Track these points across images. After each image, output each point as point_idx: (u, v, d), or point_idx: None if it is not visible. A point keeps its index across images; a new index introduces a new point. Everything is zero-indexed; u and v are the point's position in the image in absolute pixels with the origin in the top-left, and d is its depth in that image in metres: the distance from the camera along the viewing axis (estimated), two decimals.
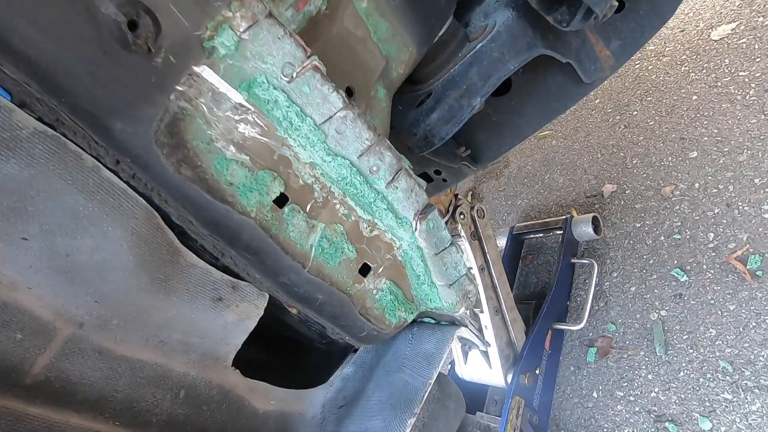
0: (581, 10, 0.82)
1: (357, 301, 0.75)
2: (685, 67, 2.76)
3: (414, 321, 0.88)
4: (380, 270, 0.77)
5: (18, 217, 0.55)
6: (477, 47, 0.92)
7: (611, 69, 1.11)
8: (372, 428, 0.74)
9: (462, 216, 1.96)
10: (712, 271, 1.92)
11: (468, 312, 0.83)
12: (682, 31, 2.95)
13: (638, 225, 2.34)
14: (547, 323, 2.16)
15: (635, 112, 2.84)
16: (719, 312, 1.80)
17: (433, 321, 0.89)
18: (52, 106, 0.51)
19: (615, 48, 1.06)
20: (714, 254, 1.95)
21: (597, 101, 3.18)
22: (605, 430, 1.90)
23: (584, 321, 2.12)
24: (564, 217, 2.55)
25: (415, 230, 0.74)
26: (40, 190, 0.55)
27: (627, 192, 2.50)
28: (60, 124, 0.54)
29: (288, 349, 1.01)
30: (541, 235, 2.68)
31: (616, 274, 2.27)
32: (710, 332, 1.79)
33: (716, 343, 1.75)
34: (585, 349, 2.17)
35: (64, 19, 0.44)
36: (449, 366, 2.12)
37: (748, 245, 1.86)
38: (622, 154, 2.71)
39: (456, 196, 2.13)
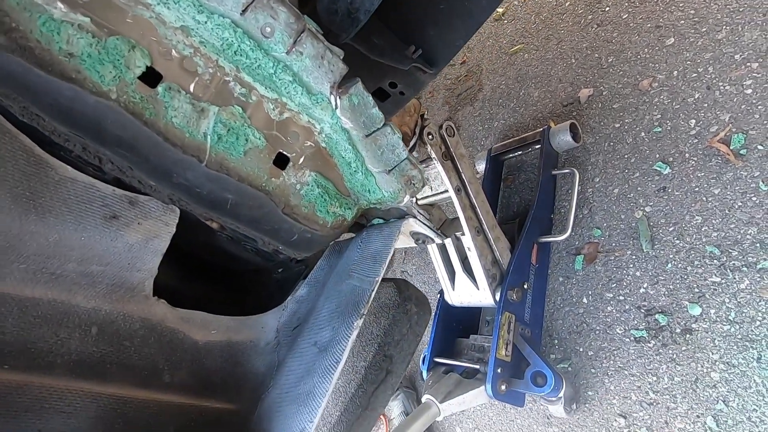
0: None
1: (278, 199, 0.64)
2: None
3: (364, 226, 0.79)
4: (301, 160, 0.65)
5: None
6: None
7: None
8: (321, 339, 0.66)
9: (430, 136, 1.84)
10: (695, 159, 1.84)
11: (414, 201, 0.73)
12: None
13: (617, 125, 2.23)
14: (531, 237, 2.10)
15: (607, 8, 2.65)
16: (704, 198, 1.74)
17: (381, 221, 0.80)
18: None
19: None
20: (696, 141, 1.86)
21: (567, 3, 2.97)
22: (597, 331, 1.89)
23: (569, 230, 2.06)
24: (541, 129, 2.43)
25: (336, 108, 0.62)
26: None
27: (604, 93, 2.37)
28: None
29: (237, 282, 0.92)
30: (519, 152, 2.58)
31: (598, 179, 2.19)
32: (696, 220, 1.73)
33: (702, 229, 1.70)
34: (572, 258, 2.13)
35: None
36: (439, 294, 2.09)
37: (730, 125, 1.77)
38: (596, 55, 2.55)
39: (422, 116, 1.99)
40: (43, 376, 0.55)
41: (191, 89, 0.55)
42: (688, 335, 1.59)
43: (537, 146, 2.50)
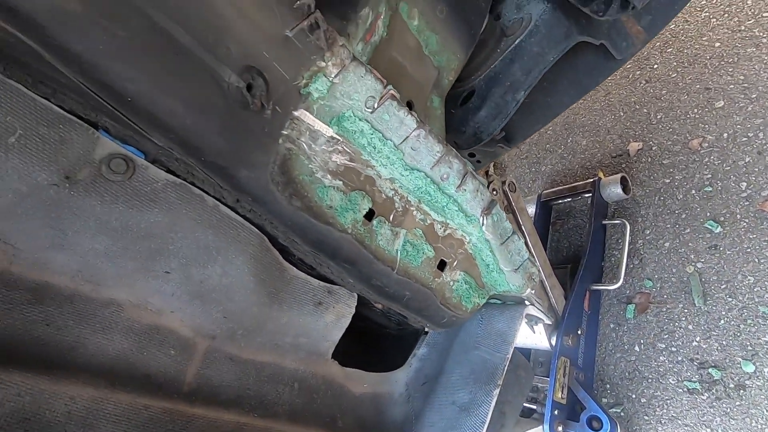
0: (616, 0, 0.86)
1: (438, 294, 0.85)
2: (705, 12, 2.70)
3: None
4: (455, 264, 0.86)
5: (162, 255, 0.66)
6: (516, 43, 0.97)
7: (643, 43, 1.15)
8: (459, 400, 0.85)
9: (495, 192, 2.03)
10: (746, 221, 1.96)
11: (534, 291, 0.92)
12: None
13: (667, 181, 2.36)
14: (584, 285, 2.23)
15: (656, 66, 2.80)
16: (756, 259, 1.86)
17: (498, 302, 0.99)
18: (189, 164, 0.60)
19: (646, 23, 1.09)
20: (747, 203, 1.98)
21: None
22: (649, 380, 2.00)
23: (621, 280, 2.19)
24: (592, 179, 2.58)
25: (482, 225, 0.82)
26: (177, 230, 0.65)
27: (654, 148, 2.51)
28: (192, 176, 0.63)
29: (366, 339, 1.12)
30: (569, 199, 2.73)
31: (648, 232, 2.32)
32: (748, 280, 1.85)
33: (755, 289, 1.81)
34: (623, 306, 2.25)
35: (199, 93, 0.53)
36: None
37: None
38: (645, 110, 2.70)
39: (487, 173, 2.19)
40: (273, 422, 0.76)
41: (391, 219, 0.76)
42: (741, 391, 1.70)
43: (587, 195, 2.63)
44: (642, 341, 2.10)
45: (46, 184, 0.57)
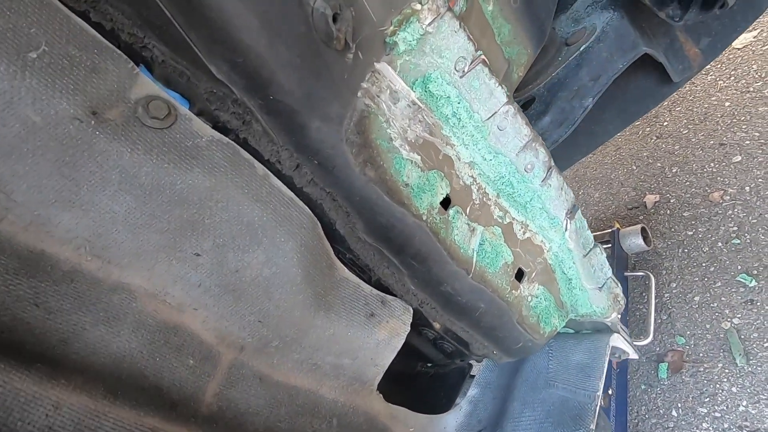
0: (696, 2, 0.82)
1: (514, 309, 0.70)
2: (711, 76, 2.80)
3: None
4: (533, 275, 0.72)
5: (194, 230, 0.52)
6: (583, 48, 0.91)
7: (699, 67, 1.11)
8: None
9: None
10: None
11: (619, 317, 0.78)
12: None
13: (690, 233, 2.29)
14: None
15: (665, 123, 2.86)
16: None
17: (571, 331, 0.84)
18: (248, 109, 0.48)
19: (704, 46, 1.06)
20: None
21: None
22: None
23: (651, 335, 2.03)
24: (610, 230, 2.51)
25: (566, 230, 0.70)
26: (217, 199, 0.52)
27: (672, 201, 2.47)
28: (246, 129, 0.51)
29: (398, 378, 0.95)
30: None
31: (674, 285, 2.20)
32: None
33: None
34: (654, 365, 2.07)
35: (277, 10, 0.42)
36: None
37: None
38: (659, 164, 2.70)
39: None
40: None
41: (467, 212, 0.64)
42: None
43: (606, 246, 2.55)
44: (680, 405, 1.90)
45: (66, 117, 0.44)
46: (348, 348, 0.64)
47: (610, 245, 2.46)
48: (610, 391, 1.93)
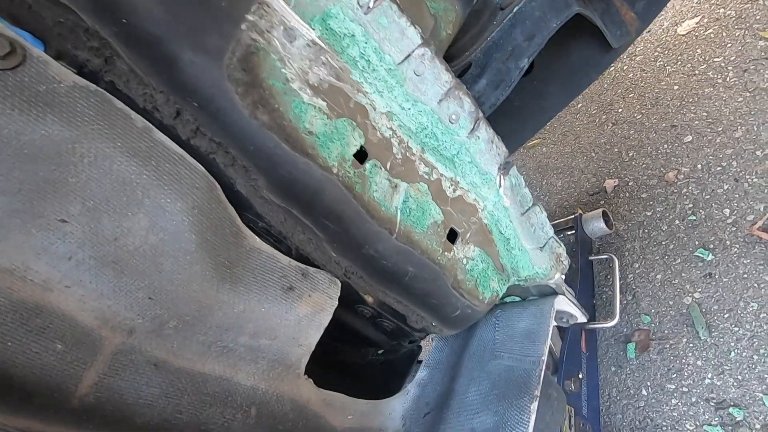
0: None
1: (449, 273, 0.65)
2: (660, 62, 2.88)
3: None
4: (468, 235, 0.67)
5: (56, 192, 0.44)
6: (515, 9, 0.88)
7: (637, 32, 1.10)
8: (481, 426, 0.62)
9: None
10: (737, 246, 1.89)
11: (563, 277, 0.73)
12: (649, 31, 3.10)
13: (649, 213, 2.32)
14: (578, 325, 2.06)
15: (620, 110, 2.92)
16: (756, 285, 1.76)
17: (517, 299, 0.79)
18: (107, 43, 0.41)
19: (639, 9, 1.05)
20: (735, 228, 1.93)
21: (579, 105, 3.26)
22: (664, 427, 1.77)
23: (617, 316, 2.03)
24: (572, 216, 2.52)
25: (500, 186, 0.65)
26: (83, 154, 0.45)
27: (630, 184, 2.50)
28: (111, 70, 0.44)
29: (343, 368, 0.88)
30: None
31: (637, 265, 2.22)
32: (752, 306, 1.73)
33: (761, 316, 1.69)
34: (622, 346, 2.07)
35: None
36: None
37: (767, 214, 1.85)
38: (616, 150, 2.74)
39: None
40: None
41: (388, 167, 0.58)
42: None
43: (569, 232, 2.56)
44: (649, 383, 1.90)
45: None
46: (264, 326, 0.57)
47: (573, 231, 2.47)
48: (580, 375, 1.92)
